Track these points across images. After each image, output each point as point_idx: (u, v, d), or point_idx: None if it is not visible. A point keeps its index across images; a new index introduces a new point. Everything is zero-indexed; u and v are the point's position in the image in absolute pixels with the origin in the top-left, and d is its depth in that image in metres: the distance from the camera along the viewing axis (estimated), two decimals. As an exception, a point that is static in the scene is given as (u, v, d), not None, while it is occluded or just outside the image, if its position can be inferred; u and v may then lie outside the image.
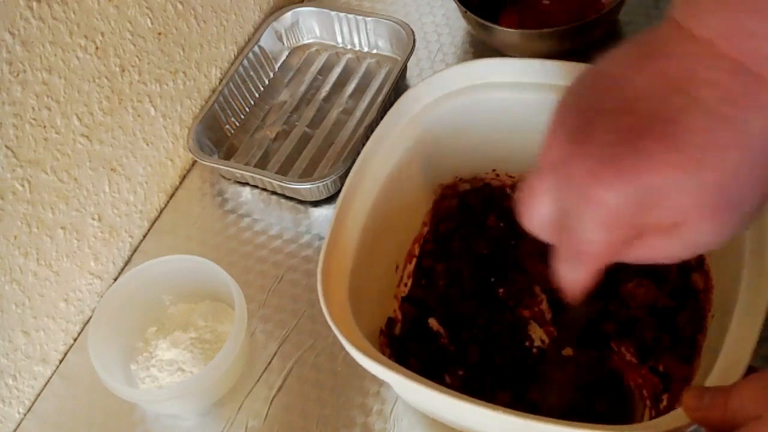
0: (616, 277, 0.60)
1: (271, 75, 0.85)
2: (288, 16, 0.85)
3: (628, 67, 0.37)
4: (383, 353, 0.55)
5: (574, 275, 0.40)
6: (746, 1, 0.33)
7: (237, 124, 0.81)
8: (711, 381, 0.44)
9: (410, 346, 0.60)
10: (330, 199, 0.73)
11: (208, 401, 0.62)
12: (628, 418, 0.55)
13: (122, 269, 0.73)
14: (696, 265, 0.59)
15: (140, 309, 0.65)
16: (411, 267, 0.65)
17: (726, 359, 0.45)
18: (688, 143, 0.33)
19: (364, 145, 0.58)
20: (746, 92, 0.33)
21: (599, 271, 0.40)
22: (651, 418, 0.53)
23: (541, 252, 0.64)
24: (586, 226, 0.37)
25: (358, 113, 0.80)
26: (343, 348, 0.49)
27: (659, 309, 0.58)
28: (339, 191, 0.58)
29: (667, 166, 0.34)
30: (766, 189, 0.35)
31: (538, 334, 0.60)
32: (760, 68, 0.33)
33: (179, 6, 0.73)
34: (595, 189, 0.35)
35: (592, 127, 0.36)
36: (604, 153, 0.35)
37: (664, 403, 0.54)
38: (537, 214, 0.41)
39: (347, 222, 0.55)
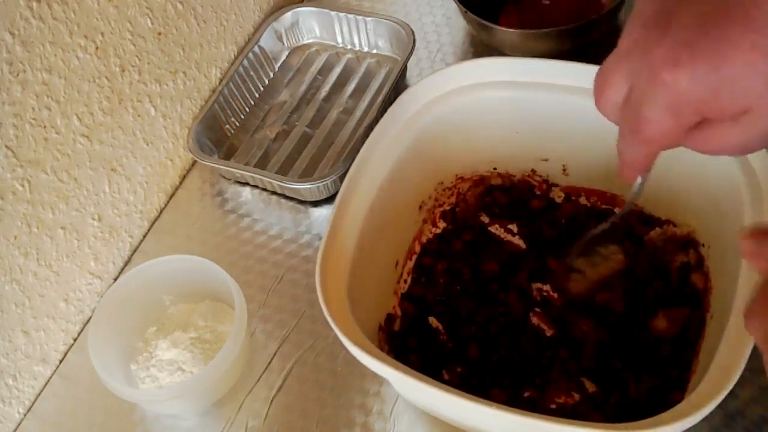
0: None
1: (271, 75, 0.85)
2: (288, 16, 0.85)
3: None
4: (382, 349, 0.55)
5: (632, 154, 0.41)
6: None
7: (237, 124, 0.81)
8: (708, 381, 0.44)
9: (409, 343, 0.60)
10: (330, 199, 0.73)
11: (208, 401, 0.62)
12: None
13: (122, 269, 0.73)
14: (696, 266, 0.59)
15: (140, 309, 0.65)
16: (411, 264, 0.65)
17: (724, 359, 0.45)
18: (753, 27, 0.34)
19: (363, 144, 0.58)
20: None
21: (656, 154, 0.41)
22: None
23: (543, 252, 0.65)
24: (653, 108, 0.37)
25: (358, 113, 0.80)
26: (343, 348, 0.49)
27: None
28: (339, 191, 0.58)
29: (745, 49, 0.34)
30: None
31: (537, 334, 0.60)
32: None
33: (179, 6, 0.73)
34: (669, 71, 0.36)
35: (671, 12, 0.37)
36: (681, 37, 0.36)
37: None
38: (610, 97, 0.41)
39: (346, 220, 0.55)
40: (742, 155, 0.42)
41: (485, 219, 0.67)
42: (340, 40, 0.86)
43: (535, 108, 0.61)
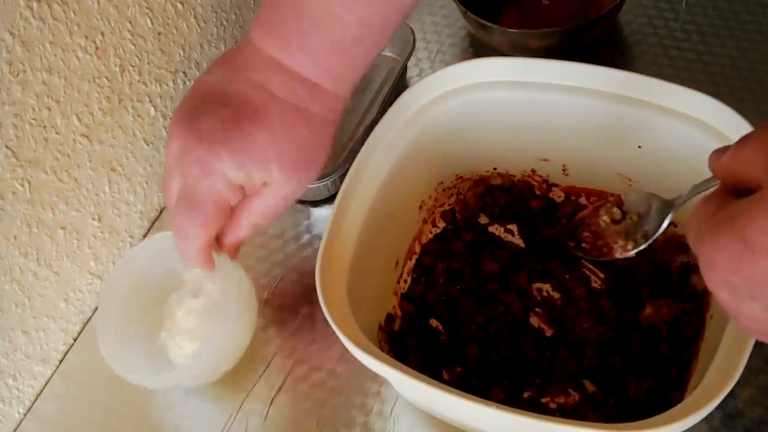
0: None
1: (271, 75, 0.85)
2: (288, 16, 0.85)
3: (224, 75, 0.51)
4: (382, 349, 0.55)
5: (195, 235, 0.53)
6: (289, 39, 0.49)
7: (237, 124, 0.80)
8: (708, 381, 0.44)
9: (409, 343, 0.60)
10: (330, 199, 0.73)
11: (226, 364, 0.61)
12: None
13: (122, 269, 0.73)
14: (696, 266, 0.59)
15: (157, 279, 0.63)
16: (411, 264, 0.65)
17: (724, 359, 0.45)
18: (271, 124, 0.49)
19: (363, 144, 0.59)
20: (307, 91, 0.50)
21: (212, 238, 0.54)
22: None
23: (543, 253, 0.65)
24: (199, 187, 0.52)
25: (359, 113, 0.80)
26: (343, 347, 0.49)
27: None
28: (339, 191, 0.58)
29: (261, 141, 0.49)
30: (329, 144, 0.53)
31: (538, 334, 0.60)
32: (309, 76, 0.50)
33: (179, 6, 0.73)
34: (213, 161, 0.49)
35: (200, 116, 0.49)
36: (211, 136, 0.49)
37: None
38: (170, 197, 0.55)
39: (346, 220, 0.55)
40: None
41: (485, 219, 0.67)
42: (340, 40, 0.86)
43: (535, 108, 0.61)
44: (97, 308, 0.69)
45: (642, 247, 0.51)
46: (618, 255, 0.53)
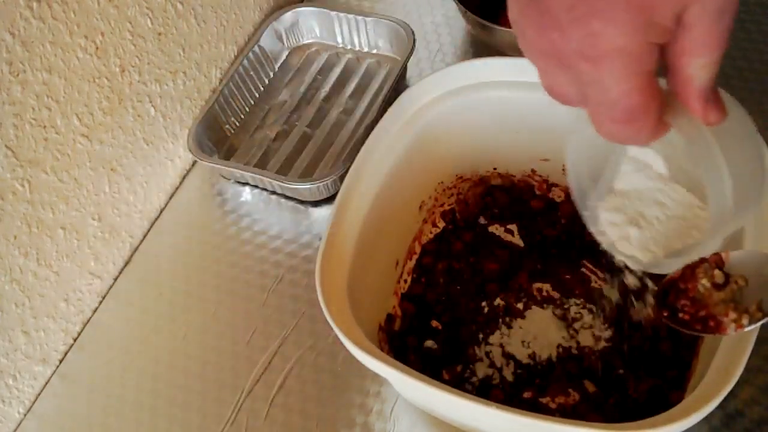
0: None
1: (271, 75, 0.85)
2: (288, 16, 0.85)
3: None
4: (382, 349, 0.55)
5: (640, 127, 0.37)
6: None
7: (237, 124, 0.81)
8: (708, 381, 0.44)
9: (409, 343, 0.60)
10: (330, 199, 0.73)
11: None
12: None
13: (122, 269, 0.73)
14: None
15: None
16: (411, 264, 0.65)
17: (724, 359, 0.45)
18: None
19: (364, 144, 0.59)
20: None
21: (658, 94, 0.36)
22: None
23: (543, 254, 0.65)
24: (608, 85, 0.35)
25: (358, 113, 0.80)
26: (343, 348, 0.49)
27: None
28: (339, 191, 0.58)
29: None
30: None
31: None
32: None
33: (179, 6, 0.73)
34: (598, 27, 0.33)
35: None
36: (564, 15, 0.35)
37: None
38: (566, 102, 0.40)
39: (346, 220, 0.55)
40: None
41: (485, 219, 0.67)
42: (340, 40, 0.86)
43: (535, 108, 0.61)
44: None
45: (761, 323, 0.43)
46: (731, 332, 0.44)
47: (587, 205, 0.47)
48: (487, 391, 0.57)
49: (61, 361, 0.68)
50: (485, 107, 0.62)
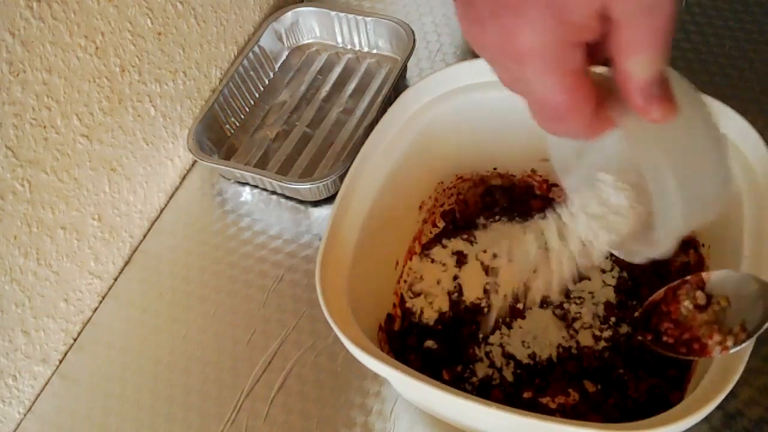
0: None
1: (271, 75, 0.85)
2: (288, 16, 0.85)
3: None
4: (382, 349, 0.55)
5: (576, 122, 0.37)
6: None
7: (237, 124, 0.81)
8: (708, 381, 0.44)
9: (409, 343, 0.60)
10: (330, 199, 0.73)
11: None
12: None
13: (122, 269, 0.73)
14: (696, 266, 0.59)
15: None
16: (411, 264, 0.65)
17: (723, 359, 0.45)
18: None
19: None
20: None
21: (589, 99, 0.35)
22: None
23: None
24: (533, 84, 0.35)
25: (358, 113, 0.80)
26: (343, 348, 0.49)
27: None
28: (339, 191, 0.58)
29: None
30: None
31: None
32: None
33: (179, 6, 0.73)
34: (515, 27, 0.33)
35: None
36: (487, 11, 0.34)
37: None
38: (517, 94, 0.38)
39: (346, 220, 0.55)
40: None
41: (485, 219, 0.67)
42: (340, 40, 0.86)
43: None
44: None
45: (745, 345, 0.42)
46: (716, 354, 0.44)
47: (568, 181, 0.47)
48: (487, 391, 0.57)
49: (61, 361, 0.68)
50: (485, 107, 0.62)
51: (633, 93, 0.35)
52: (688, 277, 0.47)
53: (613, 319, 0.59)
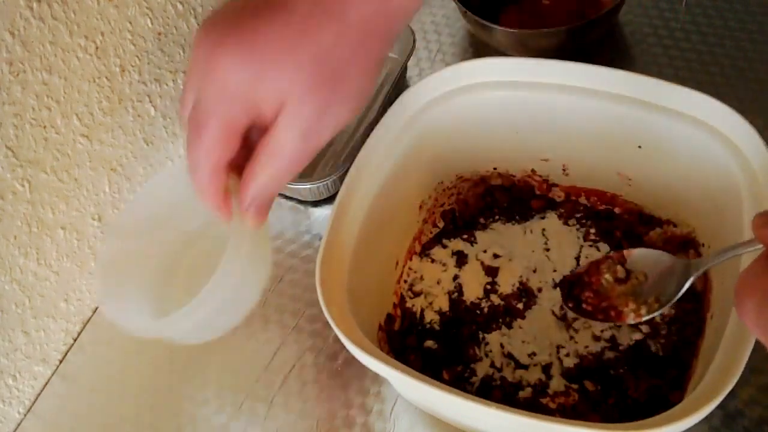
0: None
1: (271, 75, 0.85)
2: (288, 16, 0.85)
3: None
4: (382, 349, 0.55)
5: (199, 162, 0.41)
6: None
7: (237, 124, 0.80)
8: (708, 381, 0.44)
9: (409, 343, 0.60)
10: (330, 199, 0.73)
11: (223, 323, 0.52)
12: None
13: (122, 269, 0.73)
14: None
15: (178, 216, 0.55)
16: (411, 264, 0.65)
17: (724, 359, 0.45)
18: (289, 23, 0.38)
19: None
20: None
21: (219, 167, 0.41)
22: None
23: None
24: (207, 97, 0.40)
25: (358, 113, 0.80)
26: (343, 348, 0.49)
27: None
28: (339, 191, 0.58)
29: (269, 41, 0.38)
30: (366, 67, 0.41)
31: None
32: None
33: (179, 6, 0.73)
34: (213, 57, 0.39)
35: (229, 12, 0.40)
36: (226, 30, 0.39)
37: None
38: (184, 112, 0.43)
39: (346, 220, 0.55)
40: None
41: (485, 219, 0.67)
42: (340, 40, 0.86)
43: (535, 108, 0.61)
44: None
45: (657, 313, 0.47)
46: (630, 321, 0.49)
47: None
48: (487, 391, 0.57)
49: (61, 361, 0.68)
50: (485, 107, 0.62)
51: (244, 191, 0.42)
52: (611, 253, 0.52)
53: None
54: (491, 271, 0.63)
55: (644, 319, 0.48)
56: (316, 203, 0.74)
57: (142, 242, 0.55)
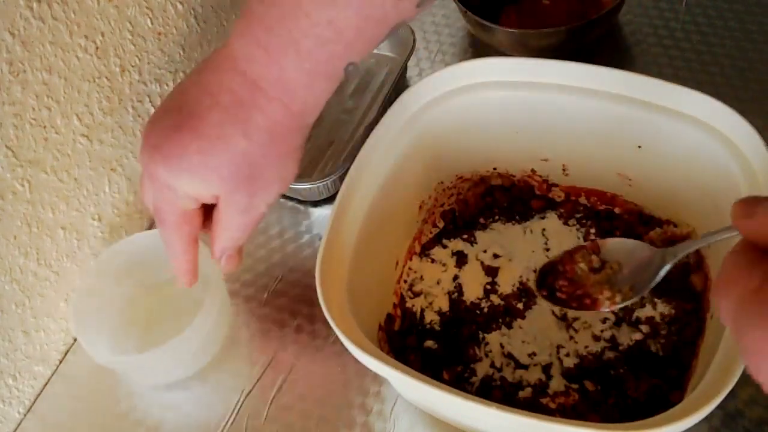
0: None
1: (271, 75, 0.85)
2: (288, 16, 0.85)
3: (192, 77, 0.48)
4: (382, 349, 0.55)
5: (171, 243, 0.51)
6: (254, 33, 0.45)
7: (237, 124, 0.80)
8: (708, 381, 0.44)
9: (409, 343, 0.60)
10: (330, 199, 0.73)
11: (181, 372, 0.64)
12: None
13: (122, 269, 0.73)
14: (696, 266, 0.59)
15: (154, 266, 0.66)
16: (411, 264, 0.65)
17: (724, 359, 0.45)
18: (204, 135, 0.45)
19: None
20: (251, 97, 0.45)
21: (189, 242, 0.51)
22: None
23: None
24: (159, 198, 0.48)
25: (358, 113, 0.80)
26: (343, 348, 0.49)
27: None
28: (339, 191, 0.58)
29: (191, 153, 0.45)
30: (280, 160, 0.47)
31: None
32: (260, 78, 0.45)
33: (179, 6, 0.73)
34: (152, 167, 0.47)
35: (155, 121, 0.47)
36: (159, 142, 0.46)
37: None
38: (146, 197, 0.51)
39: (346, 220, 0.55)
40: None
41: (485, 219, 0.67)
42: (340, 40, 0.86)
43: (535, 108, 0.61)
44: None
45: (632, 300, 0.48)
46: (605, 309, 0.49)
47: None
48: (487, 391, 0.57)
49: (61, 361, 0.68)
50: (485, 107, 0.62)
51: (214, 250, 0.52)
52: (586, 243, 0.53)
53: (612, 318, 0.59)
54: (491, 271, 0.63)
55: (619, 306, 0.48)
56: (316, 203, 0.74)
57: (113, 284, 0.65)
